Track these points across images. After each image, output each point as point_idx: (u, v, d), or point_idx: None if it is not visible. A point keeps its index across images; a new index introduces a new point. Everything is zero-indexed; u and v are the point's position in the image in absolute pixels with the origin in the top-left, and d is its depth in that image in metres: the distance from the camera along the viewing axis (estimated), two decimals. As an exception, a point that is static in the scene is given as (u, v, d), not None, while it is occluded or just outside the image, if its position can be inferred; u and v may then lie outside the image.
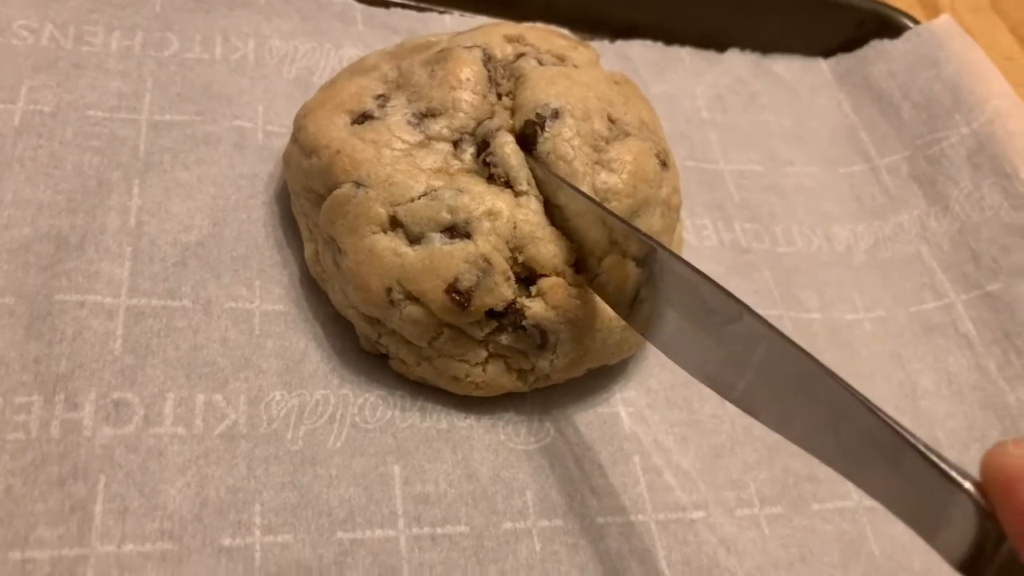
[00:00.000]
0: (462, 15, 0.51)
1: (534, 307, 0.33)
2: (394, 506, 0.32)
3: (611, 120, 0.36)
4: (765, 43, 0.57)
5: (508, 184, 0.34)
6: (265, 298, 0.36)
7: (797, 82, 0.56)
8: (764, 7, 0.57)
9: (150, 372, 0.33)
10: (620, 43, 0.54)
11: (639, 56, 0.53)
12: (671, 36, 0.55)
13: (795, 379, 0.27)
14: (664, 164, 0.37)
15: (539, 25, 0.41)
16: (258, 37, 0.45)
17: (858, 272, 0.48)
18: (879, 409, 0.24)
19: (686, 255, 0.37)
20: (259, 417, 0.33)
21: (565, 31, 0.43)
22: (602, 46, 0.53)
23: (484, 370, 0.34)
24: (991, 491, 0.22)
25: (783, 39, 0.57)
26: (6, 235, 0.34)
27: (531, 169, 0.35)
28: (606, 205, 0.34)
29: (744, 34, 0.57)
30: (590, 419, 0.37)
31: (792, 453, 0.38)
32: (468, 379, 0.34)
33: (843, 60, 0.58)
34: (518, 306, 0.33)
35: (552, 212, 0.35)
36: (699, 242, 0.46)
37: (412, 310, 0.33)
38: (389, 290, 0.33)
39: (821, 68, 0.58)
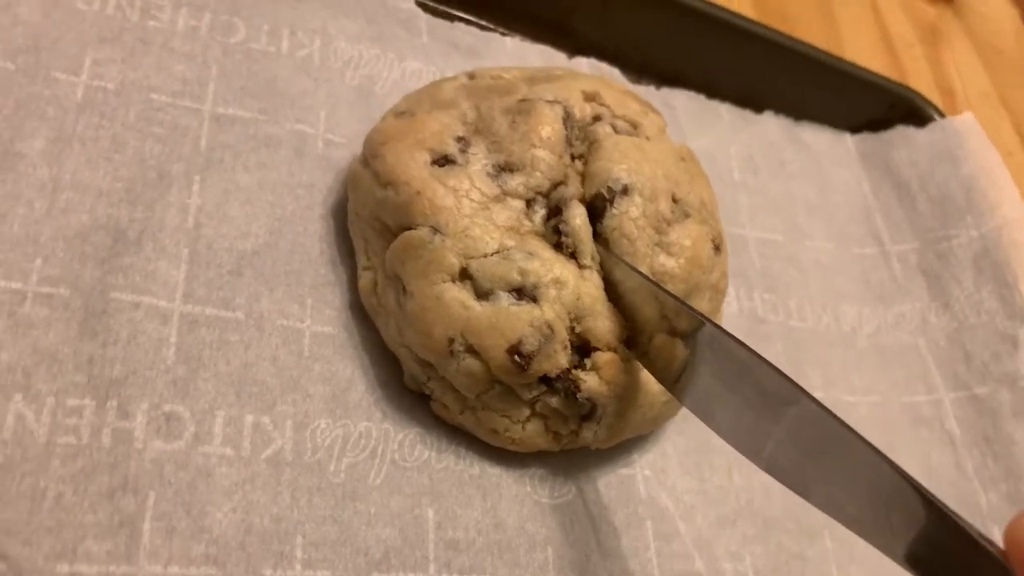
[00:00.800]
0: (522, 40, 0.51)
1: (589, 381, 0.34)
2: (427, 550, 0.33)
3: (674, 200, 0.37)
4: (799, 108, 0.59)
5: (573, 255, 0.35)
6: (316, 318, 0.36)
7: (823, 154, 0.58)
8: (802, 73, 0.58)
9: (201, 386, 0.33)
10: (665, 91, 0.54)
11: (682, 106, 0.54)
12: (713, 89, 0.56)
13: (830, 448, 0.28)
14: (717, 249, 0.38)
15: (613, 84, 0.42)
16: (324, 36, 0.44)
17: (860, 355, 0.50)
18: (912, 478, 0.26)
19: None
20: (304, 444, 0.33)
21: (637, 93, 0.44)
22: (648, 92, 0.53)
23: (523, 428, 0.35)
24: (1013, 559, 0.24)
25: (816, 107, 0.59)
26: (63, 220, 0.34)
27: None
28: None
29: (780, 96, 0.58)
30: (610, 479, 0.38)
31: (786, 531, 0.41)
32: (506, 434, 0.35)
33: (869, 139, 0.60)
34: (573, 377, 0.34)
35: (607, 287, 0.36)
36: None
37: (470, 363, 0.34)
38: (451, 340, 0.34)
39: (847, 143, 0.60)
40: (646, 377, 0.36)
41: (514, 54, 0.50)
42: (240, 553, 0.30)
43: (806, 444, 0.29)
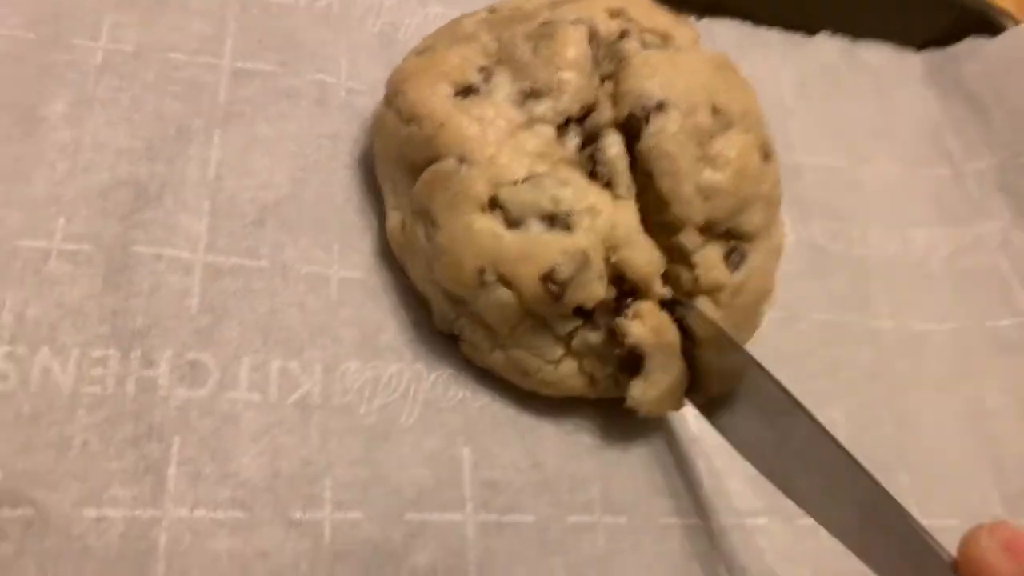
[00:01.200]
0: (549, -23, 0.49)
1: (633, 327, 0.32)
2: (462, 490, 0.32)
3: (715, 111, 0.35)
4: (857, 28, 0.55)
5: (609, 184, 0.33)
6: (343, 264, 0.35)
7: (885, 73, 0.54)
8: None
9: (226, 334, 0.32)
10: (706, 20, 0.52)
11: (725, 35, 0.51)
12: (758, 15, 0.53)
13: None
14: (766, 157, 0.36)
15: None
16: (344, -14, 0.43)
17: (934, 280, 0.46)
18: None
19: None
20: (333, 387, 0.32)
21: (706, 19, 0.42)
22: (689, 22, 0.51)
23: (556, 368, 0.34)
24: (963, 572, 0.24)
25: (876, 26, 0.55)
26: (84, 179, 0.34)
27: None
28: (709, 203, 0.34)
29: (835, 18, 0.55)
30: (658, 419, 0.36)
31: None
32: (538, 375, 0.34)
33: (935, 55, 0.55)
34: (616, 326, 0.33)
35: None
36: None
37: (501, 294, 0.32)
38: (482, 271, 0.32)
39: (912, 61, 0.55)
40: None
41: (542, -8, 0.48)
42: (268, 496, 0.29)
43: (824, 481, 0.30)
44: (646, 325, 0.33)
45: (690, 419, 0.37)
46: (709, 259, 0.34)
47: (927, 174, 0.51)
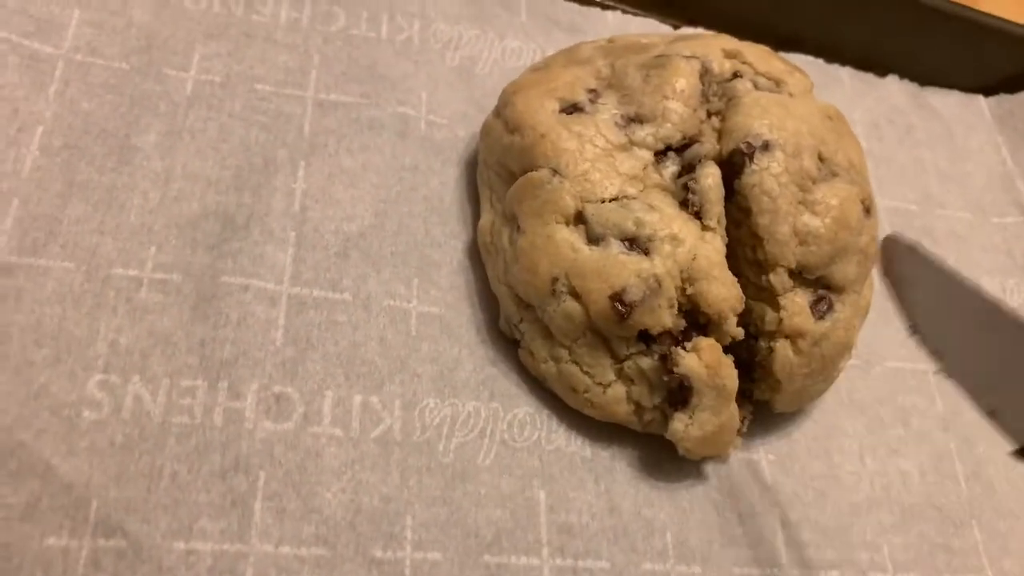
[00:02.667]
0: (624, 12, 0.49)
1: (688, 359, 0.32)
2: (539, 534, 0.32)
3: (821, 159, 0.35)
4: (925, 71, 0.54)
5: (699, 215, 0.33)
6: (422, 299, 0.36)
7: (954, 119, 0.54)
8: (928, 32, 0.54)
9: (310, 367, 0.33)
10: (781, 55, 0.51)
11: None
12: (832, 52, 0.53)
13: None
14: (867, 211, 0.36)
15: (758, 45, 0.40)
16: (423, 18, 0.44)
17: (1006, 332, 0.46)
18: None
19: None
20: (413, 424, 0.33)
21: (781, 54, 0.42)
22: (761, 59, 0.50)
23: (604, 391, 0.34)
24: None
25: (943, 68, 0.55)
26: (175, 209, 0.34)
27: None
28: (804, 247, 0.34)
29: (905, 59, 0.54)
30: (731, 465, 0.36)
31: (928, 519, 0.38)
32: (585, 394, 0.34)
33: (1005, 101, 0.55)
34: (671, 353, 0.32)
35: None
36: (848, 283, 0.44)
37: (570, 305, 0.33)
38: (555, 279, 0.33)
39: (980, 106, 0.55)
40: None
41: (616, 28, 0.48)
42: (350, 534, 0.30)
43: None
44: (702, 360, 0.33)
45: (764, 465, 0.37)
46: (796, 304, 0.34)
47: (998, 222, 0.50)
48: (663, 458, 0.35)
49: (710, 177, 0.34)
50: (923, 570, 0.36)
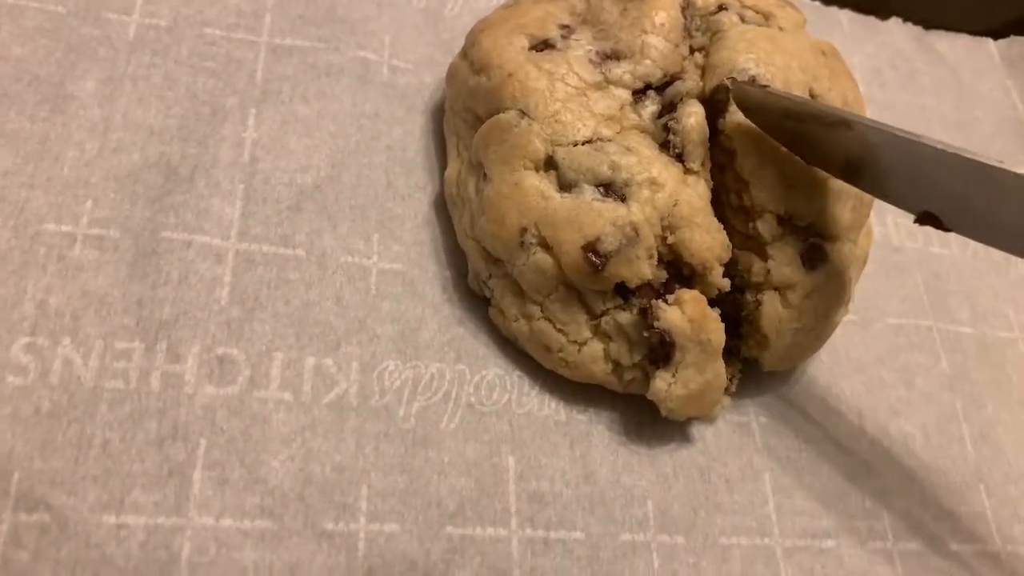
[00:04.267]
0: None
1: (669, 312, 0.30)
2: (507, 503, 0.29)
3: (812, 95, 0.32)
4: (929, 13, 0.51)
5: (681, 158, 0.30)
6: (383, 255, 0.33)
7: (961, 63, 0.51)
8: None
9: (258, 327, 0.30)
10: None
11: (793, 16, 0.48)
12: (829, -4, 0.50)
13: None
14: None
15: None
16: (387, -41, 0.41)
17: (1016, 284, 0.43)
18: None
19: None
20: (371, 388, 0.30)
21: None
22: (754, 2, 0.47)
23: (580, 350, 0.31)
24: None
25: (949, 10, 0.52)
26: (115, 160, 0.32)
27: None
28: (794, 191, 0.31)
29: (908, 1, 0.51)
30: (719, 427, 0.34)
31: (932, 484, 0.35)
32: (559, 353, 0.31)
33: (1015, 43, 0.52)
34: (651, 306, 0.30)
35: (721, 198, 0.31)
36: (846, 235, 0.41)
37: (540, 258, 0.30)
38: (524, 230, 0.30)
39: (989, 50, 0.52)
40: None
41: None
42: (298, 504, 0.27)
43: None
44: (686, 313, 0.30)
45: (755, 427, 0.34)
46: (784, 253, 0.31)
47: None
48: (644, 421, 0.33)
49: (692, 116, 0.31)
50: (926, 538, 0.34)
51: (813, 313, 0.33)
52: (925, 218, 0.28)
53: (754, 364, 0.34)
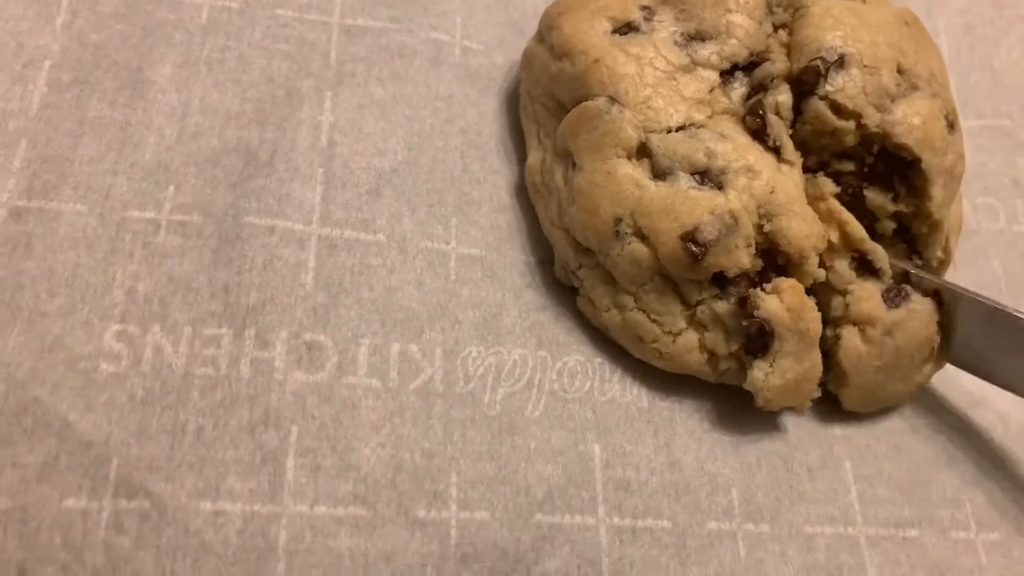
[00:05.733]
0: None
1: (768, 301, 0.29)
2: (594, 491, 0.29)
3: (899, 71, 0.31)
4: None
5: (777, 148, 0.30)
6: (461, 240, 0.33)
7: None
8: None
9: (343, 313, 0.30)
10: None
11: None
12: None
13: None
14: (951, 126, 0.33)
15: None
16: (457, -63, 0.40)
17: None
18: None
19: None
20: (456, 374, 0.30)
21: None
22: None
23: (675, 340, 0.31)
24: None
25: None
26: (193, 145, 0.32)
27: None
28: None
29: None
30: (799, 416, 0.33)
31: (1015, 474, 0.35)
32: (653, 344, 0.31)
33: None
34: (750, 295, 0.29)
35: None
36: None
37: (636, 248, 0.30)
38: (618, 220, 0.30)
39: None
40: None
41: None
42: (390, 492, 0.27)
43: None
44: (784, 302, 0.29)
45: (835, 418, 0.34)
46: (864, 288, 0.31)
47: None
48: (725, 410, 0.32)
49: (782, 106, 0.31)
50: (1011, 528, 0.33)
51: (895, 351, 0.32)
52: None
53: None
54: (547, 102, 0.33)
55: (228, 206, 0.31)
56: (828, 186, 0.31)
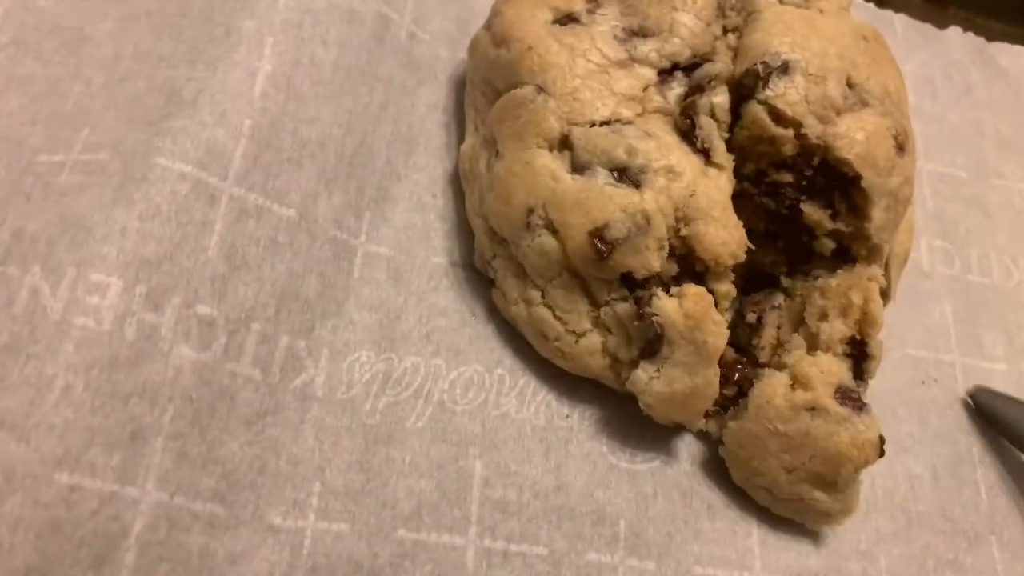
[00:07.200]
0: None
1: (665, 302, 0.28)
2: (468, 509, 0.28)
3: (849, 84, 0.30)
4: (991, 28, 0.48)
5: (704, 149, 0.29)
6: (371, 236, 0.32)
7: (1022, 79, 0.47)
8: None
9: (241, 291, 0.28)
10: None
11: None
12: (886, -1, 0.47)
13: None
14: (901, 148, 0.31)
15: None
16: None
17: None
18: None
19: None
20: (339, 378, 0.29)
21: None
22: None
23: (577, 341, 0.30)
24: None
25: (1015, 25, 0.48)
26: (118, 90, 0.30)
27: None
28: None
29: (968, 11, 0.48)
30: (709, 448, 0.32)
31: (938, 530, 0.33)
32: (556, 342, 0.30)
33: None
34: (648, 295, 0.28)
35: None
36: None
37: (545, 240, 0.29)
38: (531, 211, 0.29)
39: (1059, 66, 0.48)
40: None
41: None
42: (249, 494, 0.26)
43: None
44: (683, 307, 0.28)
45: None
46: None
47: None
48: (631, 433, 0.31)
49: (717, 107, 0.29)
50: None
51: (802, 434, 0.29)
52: None
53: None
54: (485, 89, 0.32)
55: (140, 143, 0.28)
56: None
